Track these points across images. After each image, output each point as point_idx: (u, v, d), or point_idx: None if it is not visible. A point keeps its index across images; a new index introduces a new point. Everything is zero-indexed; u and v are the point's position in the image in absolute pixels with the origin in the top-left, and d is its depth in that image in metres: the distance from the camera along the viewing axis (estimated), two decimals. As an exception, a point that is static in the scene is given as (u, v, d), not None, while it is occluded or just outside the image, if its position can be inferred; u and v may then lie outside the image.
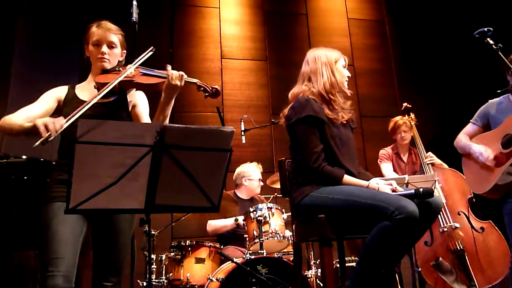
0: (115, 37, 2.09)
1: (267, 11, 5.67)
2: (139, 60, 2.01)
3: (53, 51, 4.42)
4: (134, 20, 2.16)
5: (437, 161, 3.71)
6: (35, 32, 4.55)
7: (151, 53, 2.06)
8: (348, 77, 2.36)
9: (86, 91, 2.08)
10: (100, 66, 2.05)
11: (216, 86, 2.13)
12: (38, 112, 1.96)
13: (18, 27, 4.48)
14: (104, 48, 2.05)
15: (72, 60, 4.28)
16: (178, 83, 1.97)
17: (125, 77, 1.96)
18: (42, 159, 2.47)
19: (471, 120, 3.04)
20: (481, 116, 2.97)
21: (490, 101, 2.99)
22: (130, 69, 1.97)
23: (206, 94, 2.12)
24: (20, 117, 1.90)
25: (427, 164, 3.65)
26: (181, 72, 2.00)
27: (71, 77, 4.12)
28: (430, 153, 3.73)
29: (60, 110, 2.02)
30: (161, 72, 2.07)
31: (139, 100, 2.16)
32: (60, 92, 2.07)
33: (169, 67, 2.02)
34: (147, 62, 2.07)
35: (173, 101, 2.01)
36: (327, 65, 2.31)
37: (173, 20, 5.29)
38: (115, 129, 1.47)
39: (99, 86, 1.98)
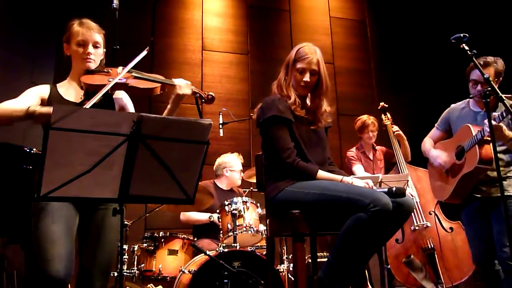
0: (99, 36, 2.06)
1: (250, 5, 5.65)
2: (133, 62, 1.95)
3: (29, 36, 4.30)
4: (115, 6, 2.12)
5: (403, 135, 3.86)
6: (10, 16, 4.42)
7: (145, 52, 1.99)
8: (305, 81, 2.21)
9: (71, 92, 2.03)
10: (86, 66, 2.01)
11: (211, 93, 2.19)
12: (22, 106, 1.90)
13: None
14: (90, 49, 2.01)
15: (48, 46, 4.19)
16: (188, 91, 2.06)
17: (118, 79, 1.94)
18: (13, 144, 2.40)
19: (435, 124, 3.08)
20: (443, 121, 3.02)
21: (452, 105, 3.02)
22: (124, 72, 1.93)
23: (202, 100, 2.17)
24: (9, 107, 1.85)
25: (395, 134, 3.85)
26: (188, 82, 2.07)
27: (46, 62, 4.03)
28: (396, 127, 3.88)
29: None
30: (156, 76, 2.08)
31: (126, 102, 2.16)
32: (42, 91, 2.00)
33: (175, 79, 2.07)
34: (123, 47, 2.05)
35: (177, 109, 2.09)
36: (286, 63, 2.32)
37: (155, 9, 5.22)
38: (91, 116, 1.45)
39: (88, 87, 1.95)
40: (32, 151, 2.35)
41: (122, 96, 2.15)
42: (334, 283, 1.96)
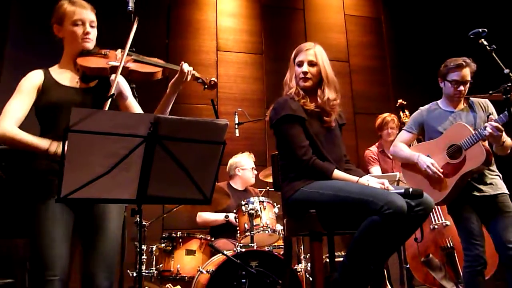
0: (93, 15, 1.98)
1: (264, 5, 5.65)
2: (129, 42, 1.93)
3: (46, 37, 4.37)
4: (131, 9, 2.12)
5: None
6: (28, 17, 4.51)
7: (136, 24, 1.97)
8: (303, 72, 2.27)
9: (66, 76, 1.96)
10: (84, 47, 1.93)
11: (213, 78, 2.14)
12: (25, 110, 1.87)
13: (12, 10, 4.43)
14: (88, 28, 1.93)
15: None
16: (188, 78, 2.01)
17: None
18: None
19: (404, 128, 3.02)
20: (416, 124, 2.96)
21: (421, 108, 3.01)
22: (125, 55, 1.89)
23: (205, 86, 2.13)
24: (11, 124, 1.82)
25: None
26: (190, 68, 2.02)
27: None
28: None
29: (39, 97, 1.91)
30: (156, 60, 2.04)
31: (124, 88, 2.08)
32: (37, 79, 1.92)
33: (184, 64, 2.02)
34: (138, 50, 2.04)
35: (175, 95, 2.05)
36: (290, 61, 2.37)
37: (170, 11, 5.26)
38: (109, 118, 1.47)
39: (86, 71, 1.90)
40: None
41: (120, 81, 2.06)
42: (349, 284, 1.95)
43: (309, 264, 3.33)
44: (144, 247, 3.34)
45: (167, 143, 1.53)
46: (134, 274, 3.13)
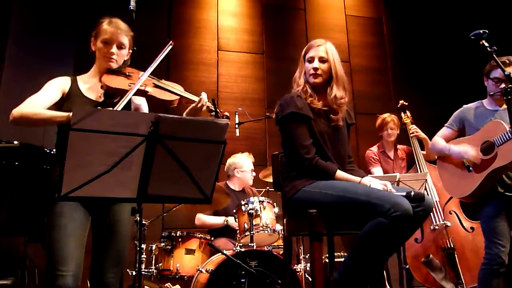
0: (126, 38, 2.08)
1: (265, 5, 5.65)
2: (151, 67, 2.01)
3: (48, 36, 4.37)
4: (132, 8, 2.13)
5: (422, 134, 3.80)
6: (30, 17, 4.51)
7: (170, 47, 2.08)
8: (313, 68, 2.25)
9: (91, 88, 2.05)
10: (107, 65, 2.04)
11: (226, 113, 2.22)
12: (48, 102, 1.95)
13: (14, 11, 4.43)
14: (114, 49, 2.04)
15: (67, 45, 4.25)
16: (203, 109, 2.11)
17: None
18: (34, 145, 2.45)
19: (446, 124, 3.06)
20: (457, 120, 3.00)
21: (465, 106, 3.02)
22: (144, 78, 1.96)
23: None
24: (31, 105, 1.88)
25: (411, 136, 3.79)
26: (206, 100, 2.11)
27: (65, 62, 4.09)
28: (414, 126, 3.82)
29: (62, 102, 1.99)
30: (175, 87, 2.10)
31: (142, 105, 2.19)
32: (64, 83, 2.03)
33: (203, 93, 2.11)
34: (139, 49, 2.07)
35: None
36: (300, 60, 2.36)
37: (171, 10, 5.26)
38: (110, 117, 1.47)
39: (107, 89, 1.97)
40: (52, 152, 2.39)
41: (139, 99, 2.17)
42: (350, 284, 1.95)
43: (308, 264, 3.33)
44: (143, 246, 3.34)
45: (167, 142, 1.54)
46: (134, 273, 3.13)
